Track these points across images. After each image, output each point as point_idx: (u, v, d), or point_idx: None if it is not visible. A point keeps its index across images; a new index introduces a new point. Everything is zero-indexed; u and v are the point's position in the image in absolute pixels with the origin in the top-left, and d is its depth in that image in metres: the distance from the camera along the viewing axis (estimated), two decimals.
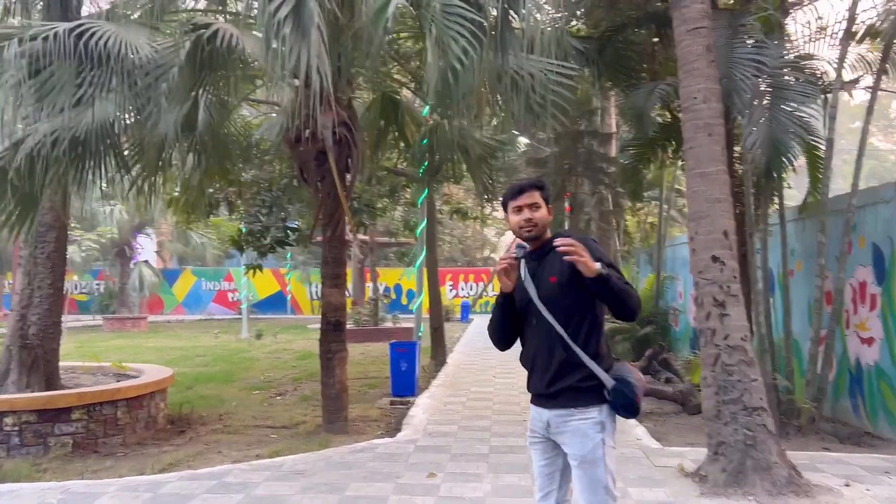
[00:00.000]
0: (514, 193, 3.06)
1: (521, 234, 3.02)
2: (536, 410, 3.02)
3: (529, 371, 3.07)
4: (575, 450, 2.88)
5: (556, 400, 2.93)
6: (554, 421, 2.93)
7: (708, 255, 5.54)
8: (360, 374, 12.58)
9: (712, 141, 5.65)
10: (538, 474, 3.06)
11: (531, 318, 3.00)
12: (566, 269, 2.87)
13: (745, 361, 5.33)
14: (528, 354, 3.05)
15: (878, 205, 7.66)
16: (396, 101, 9.61)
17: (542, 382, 2.97)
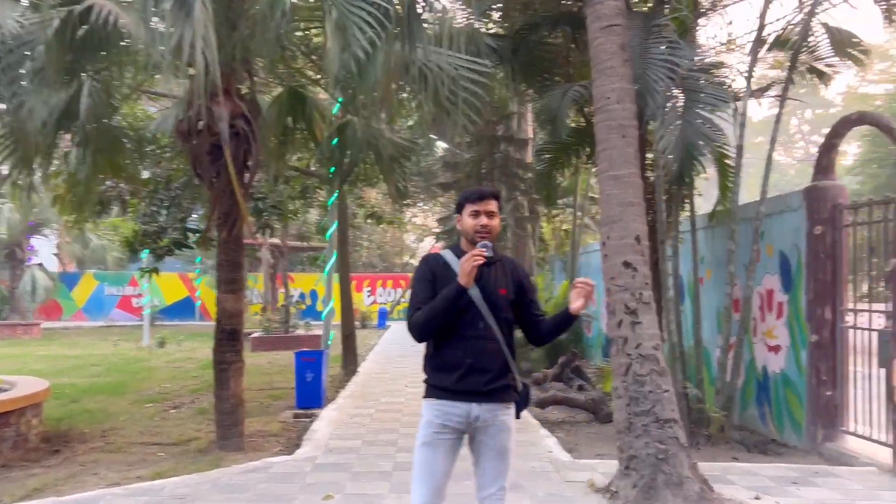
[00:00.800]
0: (475, 197, 3.20)
1: (474, 238, 3.16)
2: (462, 406, 3.11)
3: (462, 369, 3.11)
4: (498, 442, 3.14)
5: (492, 396, 3.13)
6: (484, 416, 3.11)
7: (620, 261, 5.33)
8: (266, 385, 11.96)
9: (626, 143, 5.45)
10: (436, 478, 3.13)
11: (475, 321, 3.13)
12: (513, 287, 3.25)
13: (657, 371, 5.13)
14: (462, 354, 3.12)
15: (784, 213, 7.70)
16: (303, 96, 9.12)
17: (480, 381, 3.10)
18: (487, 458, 3.17)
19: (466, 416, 3.11)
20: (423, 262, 3.27)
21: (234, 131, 7.13)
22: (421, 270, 3.22)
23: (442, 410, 3.12)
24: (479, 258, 2.95)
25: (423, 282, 3.17)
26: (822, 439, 6.99)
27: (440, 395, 3.14)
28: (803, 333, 7.30)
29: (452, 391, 3.11)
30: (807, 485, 5.61)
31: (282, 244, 19.91)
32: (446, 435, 3.12)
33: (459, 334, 3.12)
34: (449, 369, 3.13)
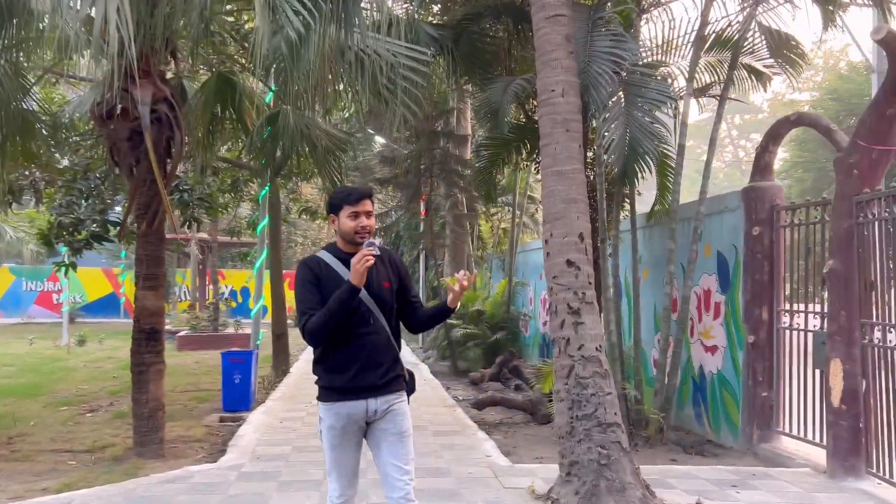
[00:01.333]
0: (354, 199, 3.23)
1: (355, 239, 3.21)
2: (360, 403, 3.18)
3: (356, 367, 3.16)
4: (396, 425, 3.23)
5: (387, 388, 3.23)
6: (382, 407, 3.21)
7: (563, 259, 5.14)
8: (191, 386, 11.42)
9: (570, 137, 5.27)
10: (348, 472, 3.27)
11: (365, 318, 3.19)
12: (395, 278, 3.35)
13: (599, 374, 4.97)
14: (355, 352, 3.17)
15: (723, 213, 7.69)
16: (233, 83, 8.64)
17: (376, 376, 3.19)
18: (388, 443, 3.23)
19: (365, 413, 3.19)
20: (303, 266, 3.25)
21: (155, 116, 6.68)
22: (304, 275, 3.21)
23: (341, 413, 3.18)
24: (370, 258, 3.00)
25: (309, 286, 3.17)
26: (757, 440, 6.99)
27: (337, 397, 3.18)
28: (740, 334, 7.30)
29: (350, 390, 3.17)
30: (746, 488, 5.55)
31: (211, 239, 19.20)
32: (350, 434, 3.21)
33: (351, 333, 3.16)
34: (343, 369, 3.17)
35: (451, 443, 6.95)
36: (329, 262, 3.25)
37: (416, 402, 9.61)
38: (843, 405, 5.82)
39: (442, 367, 14.16)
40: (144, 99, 6.58)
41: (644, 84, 6.05)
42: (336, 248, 3.31)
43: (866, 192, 5.71)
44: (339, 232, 3.26)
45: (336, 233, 3.30)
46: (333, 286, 3.12)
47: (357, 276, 3.01)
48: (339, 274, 3.18)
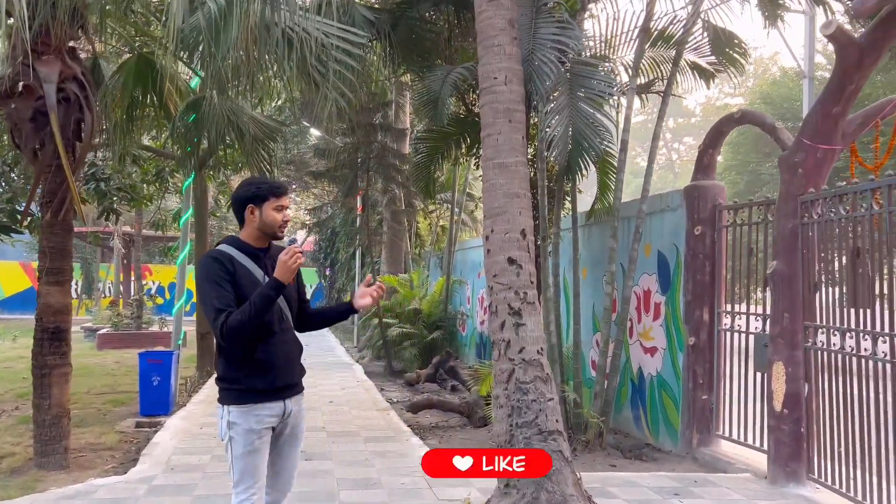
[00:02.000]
0: (281, 191, 3.16)
1: (277, 233, 3.16)
2: (279, 405, 3.09)
3: (277, 367, 3.08)
4: (299, 428, 3.23)
5: (299, 387, 3.23)
6: (296, 407, 3.18)
7: (504, 257, 4.84)
8: (108, 388, 10.73)
9: (512, 128, 4.96)
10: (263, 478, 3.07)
11: (281, 316, 3.14)
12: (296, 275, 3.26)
13: (540, 378, 4.68)
14: (275, 351, 3.08)
15: (664, 212, 7.54)
16: (155, 65, 8.07)
17: (292, 374, 3.16)
18: (290, 444, 3.21)
19: (282, 414, 3.11)
20: (213, 260, 3.03)
21: (63, 96, 6.12)
22: (216, 270, 2.99)
23: (261, 415, 3.03)
24: (301, 256, 2.94)
25: (223, 282, 2.97)
26: (697, 444, 6.86)
27: (257, 399, 3.03)
28: (680, 335, 7.16)
29: (271, 391, 3.06)
30: (689, 496, 5.36)
31: (135, 233, 18.29)
32: (266, 437, 3.07)
33: (269, 332, 3.06)
34: (266, 370, 3.04)
35: (383, 450, 6.59)
36: (237, 257, 3.07)
37: (348, 405, 9.29)
38: (785, 409, 5.70)
39: (377, 367, 13.78)
40: (50, 76, 6.01)
41: (590, 75, 5.80)
42: (242, 242, 3.14)
43: (811, 192, 5.59)
44: (259, 225, 3.10)
45: (246, 226, 3.13)
46: (248, 283, 3.01)
47: (289, 275, 2.93)
48: (250, 270, 3.05)
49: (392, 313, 13.68)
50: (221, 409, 3.05)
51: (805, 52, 16.20)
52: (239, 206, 3.14)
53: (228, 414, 3.01)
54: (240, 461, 3.00)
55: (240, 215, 3.15)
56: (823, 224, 5.48)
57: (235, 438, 2.99)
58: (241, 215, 3.15)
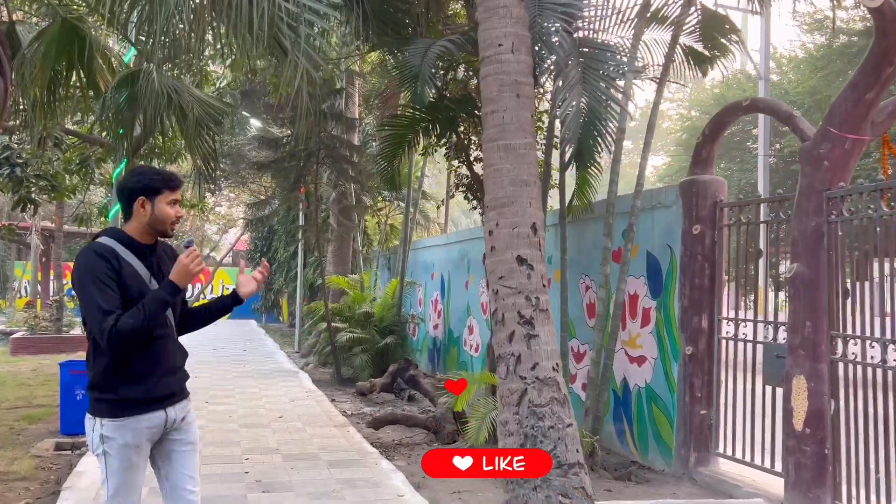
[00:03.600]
0: (175, 184, 2.95)
1: (168, 230, 2.95)
2: (159, 415, 2.87)
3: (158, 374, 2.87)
4: (192, 436, 3.03)
5: (182, 394, 3.00)
6: (179, 416, 2.97)
7: (512, 256, 4.10)
8: (23, 401, 9.51)
9: (520, 104, 4.24)
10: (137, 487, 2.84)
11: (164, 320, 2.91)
12: None
13: (557, 400, 3.96)
14: (155, 357, 2.86)
15: (656, 209, 6.93)
16: (82, 33, 7.01)
17: (174, 382, 2.95)
18: (181, 454, 2.98)
19: (163, 424, 2.90)
20: (96, 256, 2.74)
21: None
22: (101, 267, 2.71)
23: (139, 428, 2.81)
24: (202, 261, 2.80)
25: (109, 281, 2.71)
26: (694, 463, 6.26)
27: (133, 411, 2.80)
28: (675, 344, 6.55)
29: (150, 401, 2.84)
30: None
31: (56, 228, 16.79)
32: (145, 451, 2.88)
33: (150, 338, 2.82)
34: (144, 378, 2.82)
35: (351, 477, 5.73)
36: (122, 253, 2.81)
37: (301, 420, 8.36)
38: (806, 429, 5.13)
39: (323, 374, 12.85)
40: None
41: (603, 49, 5.10)
42: (127, 236, 2.87)
43: (841, 187, 5.04)
44: (149, 220, 2.87)
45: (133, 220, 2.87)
46: (134, 283, 2.79)
47: (189, 279, 2.78)
48: (136, 269, 2.83)
49: (341, 317, 12.77)
50: (93, 421, 2.80)
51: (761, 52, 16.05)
52: (128, 197, 2.87)
53: (101, 427, 2.77)
54: (114, 479, 2.79)
55: (128, 207, 2.89)
56: (857, 223, 4.92)
57: (109, 454, 2.78)
58: (129, 207, 2.88)
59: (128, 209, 2.88)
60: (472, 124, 7.89)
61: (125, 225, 2.91)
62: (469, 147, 7.98)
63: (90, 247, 2.80)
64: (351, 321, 12.60)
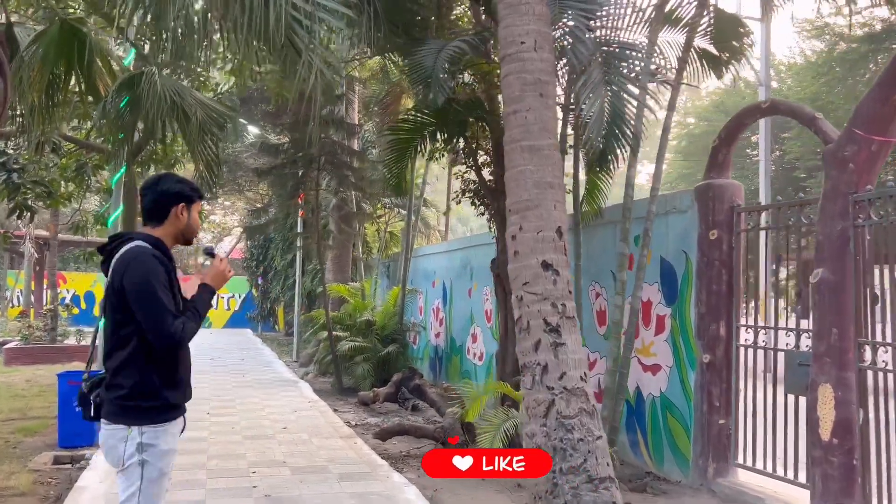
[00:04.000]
0: (203, 195, 3.06)
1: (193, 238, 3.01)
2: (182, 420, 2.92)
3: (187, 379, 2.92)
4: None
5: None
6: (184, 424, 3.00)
7: (537, 261, 3.95)
8: (19, 413, 9.28)
9: (544, 104, 4.09)
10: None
11: None
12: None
13: (586, 411, 3.80)
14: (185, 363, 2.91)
15: (670, 215, 6.80)
16: (83, 35, 6.84)
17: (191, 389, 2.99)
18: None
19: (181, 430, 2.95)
20: (156, 261, 2.78)
21: None
22: (161, 271, 2.77)
23: (175, 433, 2.86)
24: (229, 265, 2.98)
25: (169, 285, 2.79)
26: (713, 474, 6.10)
27: (174, 415, 2.84)
28: (691, 352, 6.41)
29: (181, 406, 2.90)
30: None
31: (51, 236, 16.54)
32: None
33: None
34: (182, 383, 2.90)
35: (364, 491, 5.54)
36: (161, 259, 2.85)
37: (306, 431, 8.16)
38: (833, 439, 4.97)
39: (323, 384, 12.64)
40: None
41: (625, 47, 4.96)
42: (161, 242, 2.87)
43: (868, 190, 4.91)
44: (183, 227, 2.94)
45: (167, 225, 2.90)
46: (177, 289, 2.87)
47: (224, 282, 2.96)
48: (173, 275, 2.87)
49: (342, 325, 12.59)
50: (126, 431, 2.70)
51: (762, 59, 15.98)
52: (167, 201, 2.88)
53: (141, 435, 2.71)
54: (153, 486, 2.73)
55: (163, 211, 2.89)
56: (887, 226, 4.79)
57: (149, 462, 2.72)
58: (164, 211, 2.89)
59: (162, 214, 2.88)
60: (481, 128, 7.75)
61: (153, 230, 2.88)
62: (477, 152, 7.82)
63: (146, 251, 2.77)
64: (352, 329, 12.43)
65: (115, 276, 2.74)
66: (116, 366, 2.73)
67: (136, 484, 2.68)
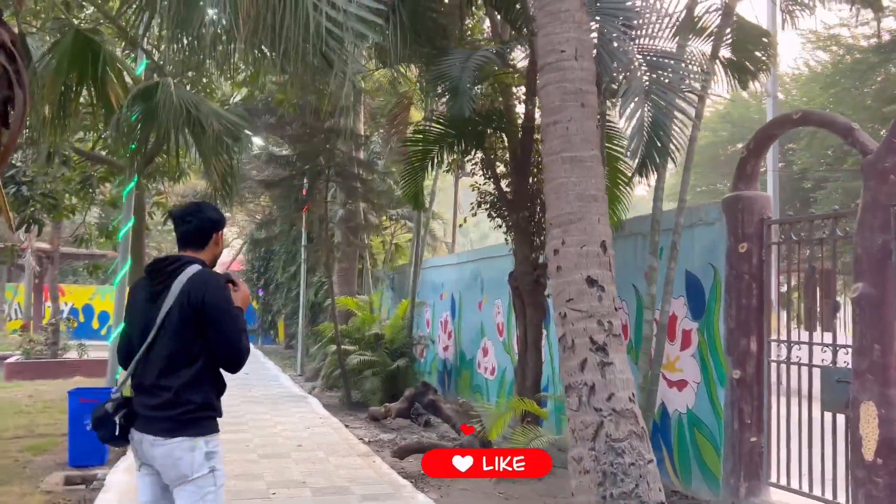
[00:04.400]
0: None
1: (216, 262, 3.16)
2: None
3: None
4: None
5: None
6: None
7: (581, 276, 3.81)
8: (25, 430, 9.08)
9: (585, 114, 3.97)
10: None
11: None
12: None
13: (636, 434, 3.65)
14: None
15: (695, 227, 6.67)
16: (96, 45, 6.71)
17: None
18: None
19: None
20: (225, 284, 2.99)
21: None
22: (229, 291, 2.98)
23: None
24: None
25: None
26: (745, 493, 5.94)
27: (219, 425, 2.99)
28: (721, 368, 6.26)
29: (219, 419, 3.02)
30: None
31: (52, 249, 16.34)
32: None
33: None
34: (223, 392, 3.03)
35: None
36: None
37: (322, 449, 7.96)
38: (878, 458, 4.82)
39: (331, 398, 12.46)
40: None
41: (665, 55, 4.84)
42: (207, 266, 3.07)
43: None
44: (218, 251, 3.15)
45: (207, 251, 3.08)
46: None
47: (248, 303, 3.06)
48: None
49: (350, 339, 12.41)
50: (192, 441, 2.80)
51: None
52: (211, 227, 3.07)
53: (206, 444, 2.84)
54: (220, 492, 2.87)
55: (206, 237, 3.07)
56: None
57: (218, 469, 2.86)
58: (206, 238, 3.07)
59: (204, 240, 3.05)
60: (499, 139, 7.64)
61: (195, 254, 3.03)
62: (495, 163, 7.70)
63: (217, 275, 3.00)
64: (360, 343, 12.25)
65: (193, 294, 2.82)
66: (185, 382, 2.81)
67: (209, 492, 2.80)
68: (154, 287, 2.92)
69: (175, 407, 2.78)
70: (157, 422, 2.80)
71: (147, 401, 2.84)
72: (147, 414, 2.82)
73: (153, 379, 2.84)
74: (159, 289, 2.89)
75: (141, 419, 2.86)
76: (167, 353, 2.83)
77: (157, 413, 2.80)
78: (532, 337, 7.55)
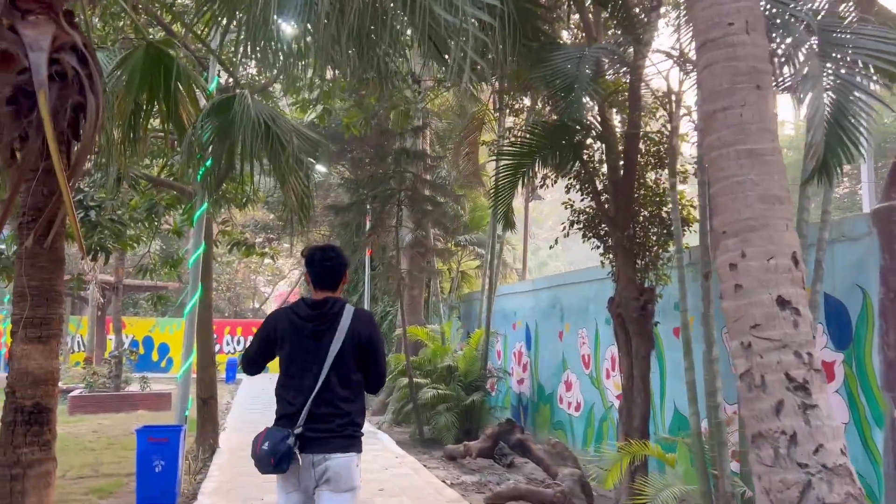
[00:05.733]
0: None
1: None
2: None
3: None
4: None
5: None
6: None
7: (770, 297, 3.06)
8: (90, 469, 8.61)
9: (761, 97, 3.26)
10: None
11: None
12: None
13: (854, 496, 2.86)
14: None
15: (836, 243, 5.84)
16: (169, 59, 6.29)
17: None
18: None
19: None
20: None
21: (57, 70, 4.26)
22: None
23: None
24: None
25: None
26: None
27: None
28: (876, 406, 5.39)
29: None
30: None
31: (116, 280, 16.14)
32: None
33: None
34: None
35: None
36: None
37: (407, 494, 7.23)
38: None
39: (400, 434, 11.76)
40: (39, 42, 4.20)
41: (845, 30, 4.07)
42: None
43: None
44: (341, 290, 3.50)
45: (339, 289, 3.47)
46: None
47: None
48: None
49: (421, 371, 11.74)
50: (358, 457, 3.32)
51: None
52: (344, 268, 3.46)
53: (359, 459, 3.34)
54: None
55: (340, 278, 3.46)
56: None
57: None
58: (340, 278, 3.45)
59: (339, 280, 3.45)
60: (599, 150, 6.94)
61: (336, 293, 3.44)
62: (594, 177, 7.00)
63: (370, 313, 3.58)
64: (432, 376, 11.58)
65: (362, 332, 3.33)
66: (358, 406, 3.34)
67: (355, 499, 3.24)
68: (319, 327, 3.31)
69: (349, 427, 3.26)
70: (335, 440, 3.22)
71: (323, 426, 3.21)
72: (322, 437, 3.20)
73: (331, 407, 3.23)
74: (323, 328, 3.30)
75: (313, 442, 3.21)
76: (342, 384, 3.26)
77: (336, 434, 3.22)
78: (639, 371, 6.75)
